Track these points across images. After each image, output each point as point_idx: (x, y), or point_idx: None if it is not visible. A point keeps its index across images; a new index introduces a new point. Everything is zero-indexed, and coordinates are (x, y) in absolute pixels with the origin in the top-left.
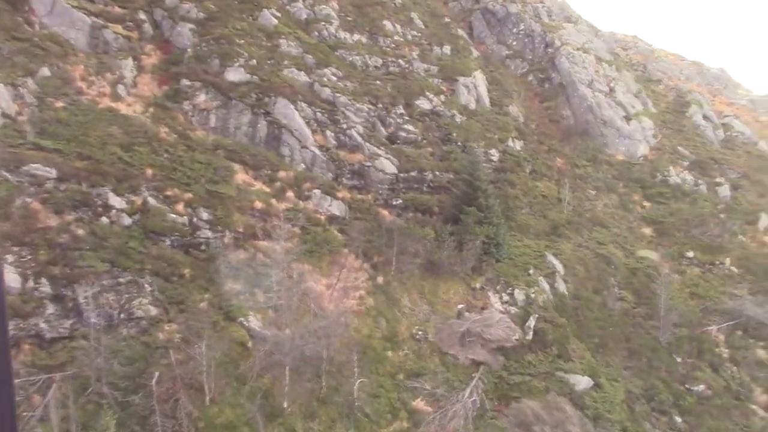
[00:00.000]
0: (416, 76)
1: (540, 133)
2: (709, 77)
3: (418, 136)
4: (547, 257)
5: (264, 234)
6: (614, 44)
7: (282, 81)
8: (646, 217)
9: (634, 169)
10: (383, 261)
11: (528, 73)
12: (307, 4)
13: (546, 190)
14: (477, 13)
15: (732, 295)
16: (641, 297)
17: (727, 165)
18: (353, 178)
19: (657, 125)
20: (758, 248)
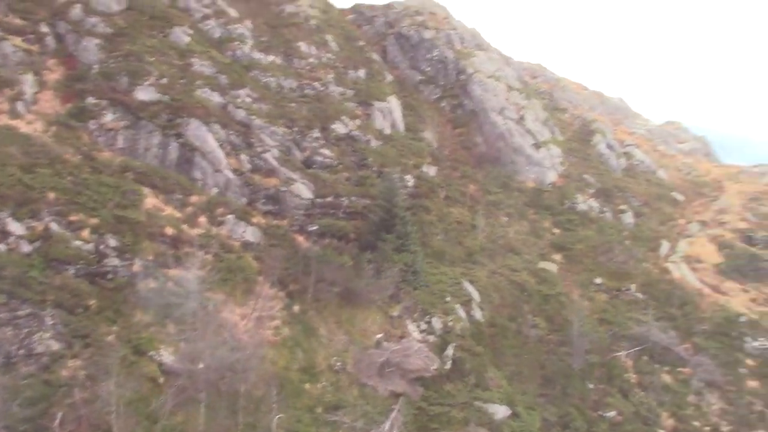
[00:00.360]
0: (332, 100)
1: (453, 159)
2: (610, 107)
3: (334, 161)
4: (464, 284)
5: (175, 262)
6: (522, 72)
7: (195, 101)
8: (555, 244)
9: (544, 196)
10: (299, 289)
11: (441, 98)
12: (220, 22)
13: (460, 216)
14: (391, 37)
15: (638, 321)
16: (554, 323)
17: (630, 193)
18: (268, 203)
19: (564, 153)
20: (660, 274)
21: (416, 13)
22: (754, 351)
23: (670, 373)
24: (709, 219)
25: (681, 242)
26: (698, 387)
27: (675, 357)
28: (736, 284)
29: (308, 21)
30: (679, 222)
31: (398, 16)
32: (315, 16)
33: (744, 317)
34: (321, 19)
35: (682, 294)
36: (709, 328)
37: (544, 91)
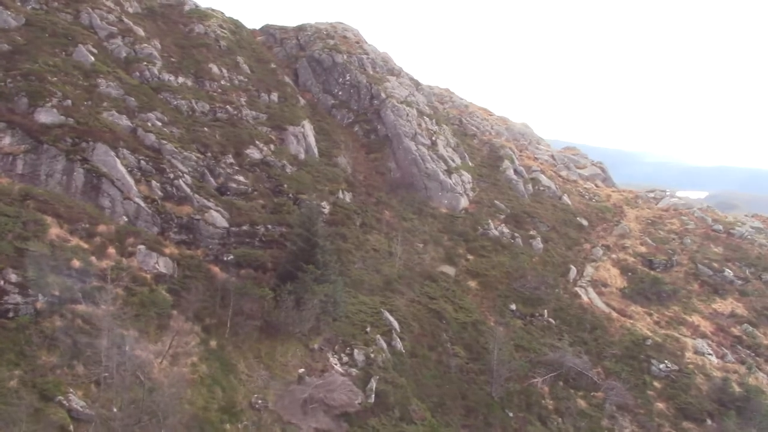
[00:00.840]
0: (245, 124)
1: (368, 185)
2: (515, 132)
3: (249, 188)
4: (384, 314)
5: (84, 297)
6: (432, 98)
7: (101, 125)
8: (470, 270)
9: (458, 222)
10: (216, 323)
11: (354, 123)
12: (127, 41)
13: (377, 243)
14: (303, 60)
15: (552, 347)
16: (473, 351)
17: (538, 218)
18: (181, 233)
19: (475, 179)
20: (570, 299)
21: (328, 36)
22: (660, 373)
23: (584, 398)
24: (612, 243)
25: (587, 267)
26: (611, 411)
27: (588, 381)
28: (641, 307)
29: (218, 42)
30: (585, 246)
31: (310, 38)
32: (225, 37)
33: (650, 340)
34: (231, 40)
35: (592, 318)
36: (618, 351)
37: (454, 116)
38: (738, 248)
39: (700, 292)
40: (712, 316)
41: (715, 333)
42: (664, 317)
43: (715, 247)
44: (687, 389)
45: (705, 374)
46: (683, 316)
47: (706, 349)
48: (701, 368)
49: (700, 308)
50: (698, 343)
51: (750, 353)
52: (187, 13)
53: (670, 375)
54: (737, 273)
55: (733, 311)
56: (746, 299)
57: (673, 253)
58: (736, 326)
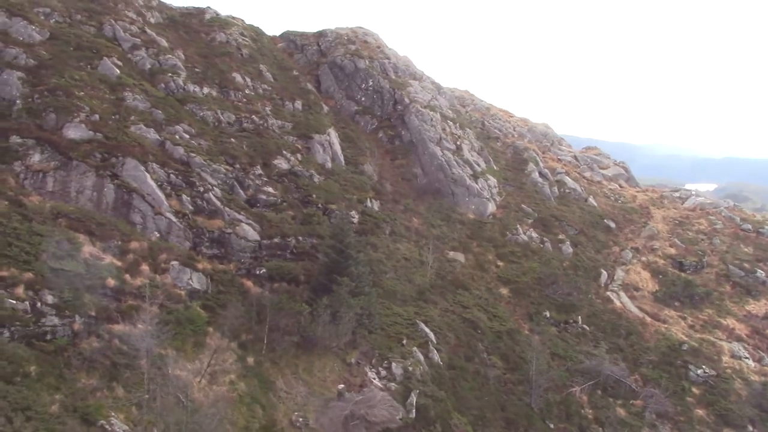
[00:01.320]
0: (272, 134)
1: (395, 192)
2: (537, 134)
3: (278, 199)
4: (419, 325)
5: (120, 316)
6: (454, 101)
7: (130, 139)
8: (501, 277)
9: (486, 228)
10: (252, 339)
11: (378, 129)
12: (151, 53)
13: (407, 252)
14: (324, 67)
15: (588, 354)
16: (509, 361)
17: (566, 222)
18: (213, 247)
19: (500, 183)
20: (603, 305)
21: (349, 41)
22: (698, 379)
23: (623, 406)
24: (641, 246)
25: (618, 270)
26: (651, 419)
27: (626, 389)
28: (674, 311)
29: (240, 50)
30: (614, 249)
31: (330, 44)
32: (246, 45)
33: (686, 345)
34: (253, 48)
35: (627, 324)
36: (654, 357)
37: (476, 119)
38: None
39: (733, 294)
40: (747, 319)
41: (751, 336)
42: (698, 321)
43: (745, 247)
44: (726, 395)
45: (743, 379)
46: (717, 319)
47: (743, 353)
48: (739, 372)
49: (734, 310)
50: (734, 346)
51: None
52: (208, 21)
53: (708, 380)
54: None
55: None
56: None
57: (703, 254)
58: None
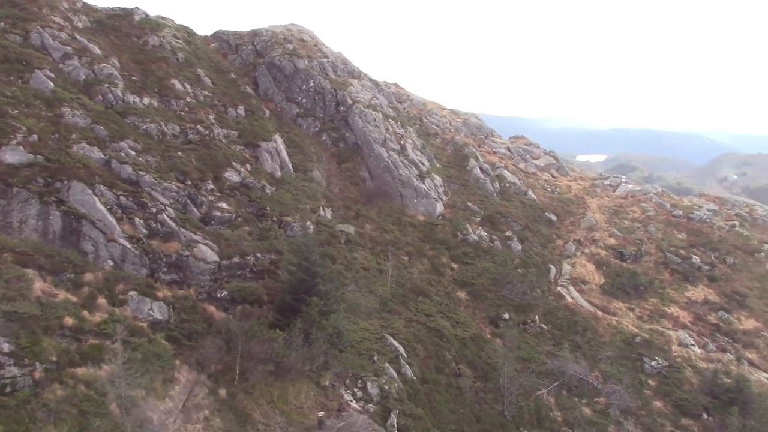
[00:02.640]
0: (219, 144)
1: (344, 197)
2: (472, 127)
3: (232, 214)
4: (387, 339)
5: (82, 358)
6: (392, 98)
7: (74, 160)
8: (458, 280)
9: (437, 230)
10: (222, 369)
11: (321, 132)
12: (84, 62)
13: (365, 261)
14: (262, 68)
15: (549, 354)
16: (477, 369)
17: (511, 218)
18: (171, 272)
19: (445, 181)
20: (556, 301)
21: (285, 40)
22: (652, 371)
23: (588, 405)
24: (582, 237)
25: (564, 264)
26: (615, 416)
27: (589, 387)
28: (622, 303)
29: (176, 54)
30: (558, 243)
31: (266, 44)
32: (181, 48)
33: (638, 338)
34: (187, 50)
35: (582, 320)
36: (611, 352)
37: (414, 116)
38: (700, 233)
39: (672, 281)
40: (688, 306)
41: (694, 323)
42: (645, 311)
43: (679, 234)
44: (680, 384)
45: (692, 367)
46: (662, 308)
47: (689, 341)
48: (688, 361)
49: (676, 298)
50: (681, 334)
51: (728, 340)
52: (138, 23)
53: (662, 371)
54: (703, 258)
55: (706, 298)
56: (715, 284)
57: (640, 242)
58: (711, 313)
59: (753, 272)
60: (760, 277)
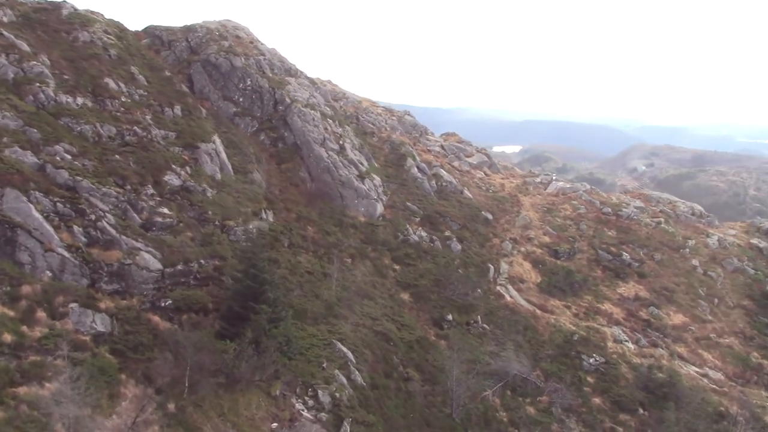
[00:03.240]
0: (157, 146)
1: (285, 199)
2: (407, 125)
3: (174, 220)
4: (336, 345)
5: (23, 377)
6: (328, 96)
7: (6, 165)
8: (400, 282)
9: (378, 231)
10: (170, 382)
11: (259, 131)
12: (13, 59)
13: (309, 264)
14: (197, 65)
15: (492, 354)
16: (424, 372)
17: (449, 217)
18: (113, 281)
19: (384, 181)
20: (496, 300)
21: (221, 37)
22: (590, 368)
23: (531, 404)
24: (518, 236)
25: (502, 263)
26: (558, 414)
27: (532, 387)
28: (558, 301)
29: (108, 51)
30: (495, 242)
31: (201, 40)
32: (113, 44)
33: (576, 335)
34: (120, 47)
35: (522, 319)
36: (551, 351)
37: (351, 114)
38: (628, 230)
39: (604, 278)
40: (621, 302)
41: (627, 319)
42: (581, 308)
43: (609, 231)
44: (617, 381)
45: (627, 362)
46: (597, 305)
47: (623, 337)
48: (623, 357)
49: (609, 295)
50: (615, 331)
51: (659, 335)
52: (67, 18)
53: (599, 368)
54: (633, 255)
55: (637, 294)
56: (645, 281)
57: (573, 240)
58: (642, 309)
59: (679, 268)
60: (686, 273)
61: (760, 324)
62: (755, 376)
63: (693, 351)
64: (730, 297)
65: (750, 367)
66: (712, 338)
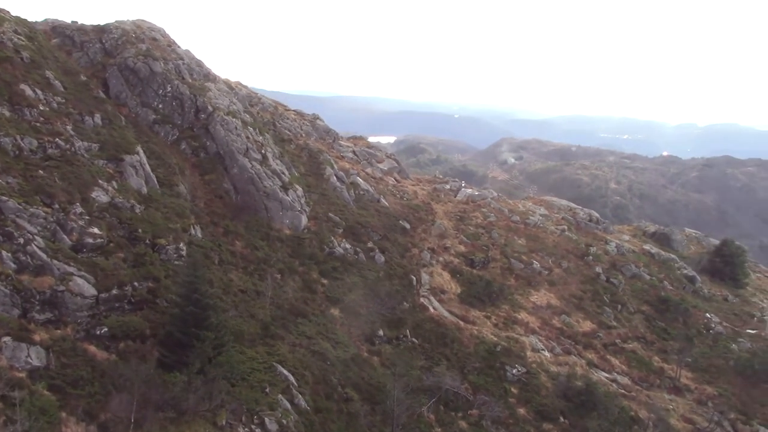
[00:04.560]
0: (82, 160)
1: (211, 212)
2: (321, 131)
3: (105, 240)
4: (277, 368)
5: None
6: (246, 102)
7: None
8: (330, 297)
9: (305, 244)
10: (112, 418)
11: (180, 140)
12: None
13: (241, 282)
14: (113, 69)
15: (423, 369)
16: (362, 391)
17: (370, 228)
18: (46, 310)
19: (305, 191)
20: (422, 313)
21: (138, 39)
22: (513, 378)
23: (463, 418)
24: (435, 246)
25: (423, 274)
26: (488, 427)
27: (462, 400)
28: (479, 311)
29: (20, 53)
30: (414, 252)
31: (117, 42)
32: (25, 46)
33: (499, 346)
34: (32, 49)
35: (447, 332)
36: (477, 363)
37: (268, 121)
38: (536, 238)
39: (517, 287)
40: (535, 311)
41: (542, 327)
42: (500, 319)
43: (519, 239)
44: (538, 390)
45: (545, 371)
46: (514, 314)
47: (540, 345)
48: (541, 365)
49: (524, 304)
50: (532, 340)
51: (571, 342)
52: None
53: (521, 378)
54: (542, 263)
55: (549, 302)
56: (555, 288)
57: (487, 249)
58: (555, 317)
59: (585, 275)
60: (591, 280)
61: (658, 328)
62: (658, 379)
63: (602, 357)
64: (630, 303)
65: (653, 370)
66: (618, 344)
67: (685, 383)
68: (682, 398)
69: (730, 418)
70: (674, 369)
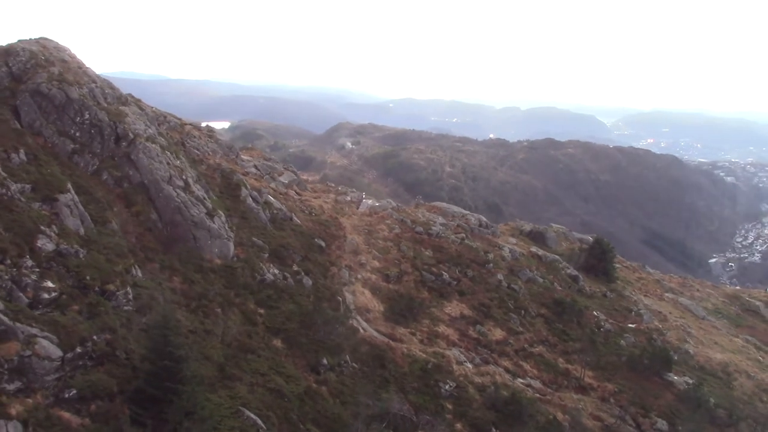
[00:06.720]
0: (20, 205)
1: (144, 247)
2: (224, 147)
3: (58, 292)
4: (244, 413)
5: None
6: (155, 122)
7: None
8: (269, 327)
9: (237, 273)
10: None
11: (100, 170)
12: None
13: (188, 322)
14: (25, 96)
15: (367, 394)
16: (321, 425)
17: (292, 249)
18: (15, 379)
19: (227, 216)
20: (354, 335)
21: (47, 62)
22: (447, 394)
23: None
24: (352, 263)
25: (346, 294)
26: None
27: (408, 423)
28: (404, 329)
29: None
30: (333, 270)
31: (25, 66)
32: None
33: (430, 363)
34: None
35: (382, 353)
36: (415, 383)
37: (178, 141)
38: (441, 248)
39: (431, 300)
40: (452, 322)
41: (461, 339)
42: (424, 334)
43: (426, 250)
44: (470, 403)
45: (471, 383)
46: (435, 328)
47: (462, 358)
48: (467, 378)
49: (441, 316)
50: (455, 353)
51: (488, 351)
52: None
53: (453, 393)
54: (450, 274)
55: (462, 313)
56: (465, 298)
57: (399, 263)
58: (470, 328)
59: (489, 283)
60: (495, 287)
61: (558, 330)
62: (565, 380)
63: (515, 363)
64: (531, 307)
65: (560, 372)
66: (527, 348)
67: (589, 382)
68: (588, 397)
69: (631, 412)
70: (578, 369)
